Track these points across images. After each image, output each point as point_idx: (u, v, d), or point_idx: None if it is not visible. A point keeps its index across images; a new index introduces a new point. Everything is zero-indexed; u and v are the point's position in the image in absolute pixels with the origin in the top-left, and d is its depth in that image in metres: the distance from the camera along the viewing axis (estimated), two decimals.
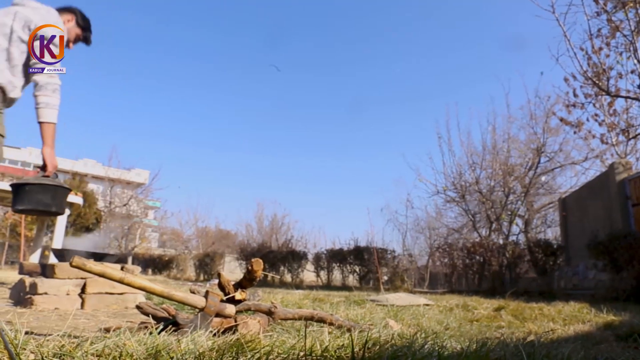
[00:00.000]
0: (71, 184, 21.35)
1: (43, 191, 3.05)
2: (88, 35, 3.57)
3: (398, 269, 14.31)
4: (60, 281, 3.75)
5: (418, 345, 1.69)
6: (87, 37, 3.57)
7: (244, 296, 2.17)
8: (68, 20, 3.46)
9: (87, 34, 3.56)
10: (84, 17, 3.55)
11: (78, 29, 3.50)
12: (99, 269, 1.86)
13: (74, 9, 3.55)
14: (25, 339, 1.33)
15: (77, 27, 3.50)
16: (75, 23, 3.50)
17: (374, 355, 1.45)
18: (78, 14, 3.52)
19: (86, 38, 3.57)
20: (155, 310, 2.11)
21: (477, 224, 15.83)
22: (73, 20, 3.49)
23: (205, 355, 1.17)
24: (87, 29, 3.56)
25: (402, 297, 5.67)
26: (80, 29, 3.51)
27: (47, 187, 3.06)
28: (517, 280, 11.64)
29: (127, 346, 1.33)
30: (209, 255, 18.30)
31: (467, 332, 2.94)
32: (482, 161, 15.57)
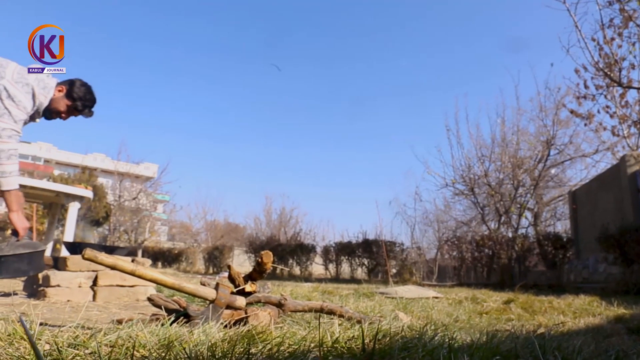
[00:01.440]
0: (81, 178, 21.52)
1: (19, 260, 3.17)
2: (78, 106, 3.52)
3: (407, 261, 14.31)
4: (72, 274, 3.79)
5: (428, 337, 1.69)
6: (77, 107, 3.53)
7: (254, 288, 2.18)
8: (59, 91, 3.49)
9: (78, 104, 3.51)
10: (82, 89, 3.52)
11: (68, 100, 3.48)
12: (111, 261, 1.88)
13: (72, 80, 3.55)
14: (40, 329, 1.35)
15: (66, 99, 3.48)
16: (66, 94, 3.48)
17: (384, 347, 1.46)
18: (75, 86, 3.50)
19: (76, 108, 3.53)
20: (166, 302, 2.13)
21: (486, 217, 15.76)
22: (64, 91, 3.48)
23: (218, 345, 1.18)
24: (82, 99, 3.52)
25: (411, 289, 5.67)
26: (71, 100, 3.49)
27: (22, 256, 3.18)
28: (526, 274, 11.60)
29: (140, 337, 1.34)
30: (218, 248, 18.41)
31: (477, 324, 2.94)
32: (491, 154, 15.49)
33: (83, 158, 40.24)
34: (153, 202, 25.25)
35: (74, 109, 3.55)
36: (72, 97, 3.50)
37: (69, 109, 3.54)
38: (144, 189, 23.72)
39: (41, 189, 5.63)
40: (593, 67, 10.03)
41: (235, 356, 1.11)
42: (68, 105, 3.52)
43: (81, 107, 3.55)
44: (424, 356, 1.41)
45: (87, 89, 3.58)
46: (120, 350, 1.18)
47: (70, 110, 3.55)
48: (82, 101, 3.54)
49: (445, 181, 16.27)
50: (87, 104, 3.58)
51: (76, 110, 3.57)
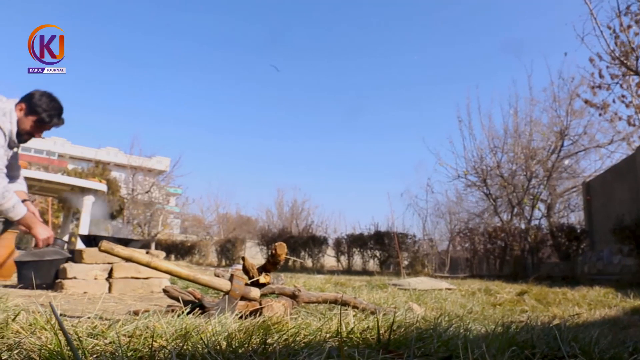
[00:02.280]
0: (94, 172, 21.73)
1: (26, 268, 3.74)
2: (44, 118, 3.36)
3: (418, 253, 14.29)
4: (88, 266, 3.84)
5: (442, 328, 1.69)
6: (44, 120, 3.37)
7: (268, 280, 2.19)
8: (19, 110, 3.35)
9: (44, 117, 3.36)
10: (43, 99, 3.36)
11: (31, 116, 3.34)
12: (127, 253, 1.90)
13: (30, 94, 3.38)
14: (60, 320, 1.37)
15: (30, 116, 3.34)
16: (27, 112, 3.34)
17: (399, 338, 1.46)
18: (34, 99, 3.34)
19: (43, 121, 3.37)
20: (181, 293, 2.15)
21: (499, 209, 15.66)
22: (24, 109, 3.35)
23: (234, 336, 1.19)
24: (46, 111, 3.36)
25: (424, 281, 5.66)
26: (36, 115, 3.34)
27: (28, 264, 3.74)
28: (539, 265, 11.52)
29: (157, 328, 1.36)
30: (230, 240, 18.53)
31: (491, 315, 2.93)
32: (503, 145, 15.36)
33: (96, 152, 40.66)
34: (165, 195, 25.45)
35: (40, 123, 3.38)
36: (35, 111, 3.34)
37: (36, 125, 3.38)
38: (157, 182, 23.90)
39: (56, 182, 5.71)
40: (608, 55, 9.87)
41: (252, 346, 1.12)
42: (34, 121, 3.36)
43: (48, 118, 3.37)
44: (439, 347, 1.41)
45: (48, 98, 3.40)
46: (139, 340, 1.19)
47: (37, 126, 3.38)
48: (47, 112, 3.37)
49: (457, 173, 16.20)
50: (52, 114, 3.40)
51: (45, 124, 3.39)
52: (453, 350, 1.37)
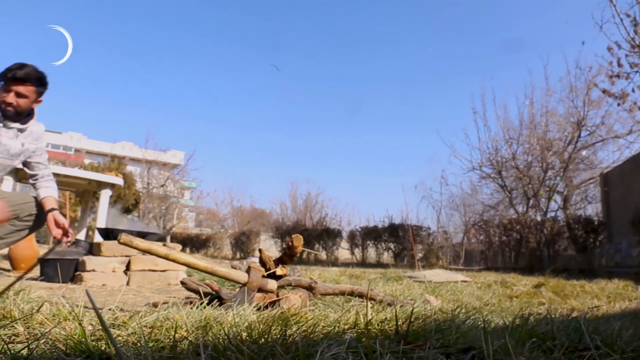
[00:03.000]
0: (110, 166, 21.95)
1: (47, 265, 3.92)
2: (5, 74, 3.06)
3: (433, 246, 14.24)
4: (106, 259, 3.89)
5: (460, 320, 1.69)
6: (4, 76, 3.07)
7: (285, 272, 2.20)
8: None
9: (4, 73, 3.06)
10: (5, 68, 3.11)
11: None
12: (146, 246, 1.92)
13: None
14: (82, 311, 1.39)
15: None
16: None
17: (417, 329, 1.46)
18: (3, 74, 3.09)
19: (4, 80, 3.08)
20: (198, 285, 2.17)
21: (514, 201, 15.51)
22: None
23: (254, 327, 1.20)
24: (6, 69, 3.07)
25: (439, 273, 5.64)
26: None
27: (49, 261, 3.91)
28: (555, 258, 11.41)
29: (177, 319, 1.38)
30: (244, 233, 18.63)
31: (508, 308, 2.92)
32: (519, 136, 15.19)
33: (112, 147, 41.03)
34: (180, 189, 25.65)
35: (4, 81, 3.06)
36: None
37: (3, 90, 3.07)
38: (171, 176, 24.10)
39: (74, 177, 5.78)
40: (628, 43, 9.67)
41: (271, 337, 1.12)
42: None
43: (8, 72, 3.03)
44: (457, 338, 1.41)
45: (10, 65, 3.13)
46: (160, 331, 1.21)
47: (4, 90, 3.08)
48: (7, 68, 3.03)
49: (472, 164, 16.06)
50: (13, 67, 3.06)
51: (6, 82, 3.06)
52: (472, 342, 1.37)
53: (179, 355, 0.92)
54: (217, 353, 0.89)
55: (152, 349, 0.99)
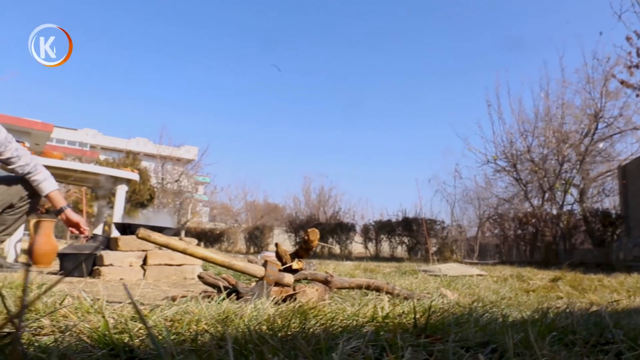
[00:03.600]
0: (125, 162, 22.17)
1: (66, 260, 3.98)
2: None
3: (447, 240, 14.18)
4: (123, 253, 3.94)
5: (477, 314, 1.68)
6: None
7: (301, 266, 2.21)
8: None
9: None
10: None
11: None
12: (164, 240, 1.94)
13: None
14: (104, 305, 1.41)
15: None
16: None
17: (435, 323, 1.46)
18: None
19: None
20: (215, 279, 2.18)
21: (529, 194, 15.35)
22: None
23: (273, 320, 1.21)
24: None
25: (454, 267, 5.62)
26: None
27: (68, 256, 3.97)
28: (572, 252, 11.28)
29: (197, 312, 1.39)
30: (258, 228, 18.72)
31: (525, 302, 2.89)
32: (534, 129, 15.01)
33: (127, 143, 41.44)
34: (194, 184, 25.83)
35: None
36: None
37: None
38: (185, 171, 24.28)
39: (90, 172, 5.84)
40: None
41: (291, 330, 1.13)
42: None
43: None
44: (476, 332, 1.40)
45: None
46: (180, 324, 1.22)
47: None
48: None
49: (486, 158, 15.93)
50: None
51: None
52: (491, 336, 1.36)
53: (201, 348, 0.93)
54: (239, 346, 0.90)
55: (174, 342, 1.00)
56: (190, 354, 0.86)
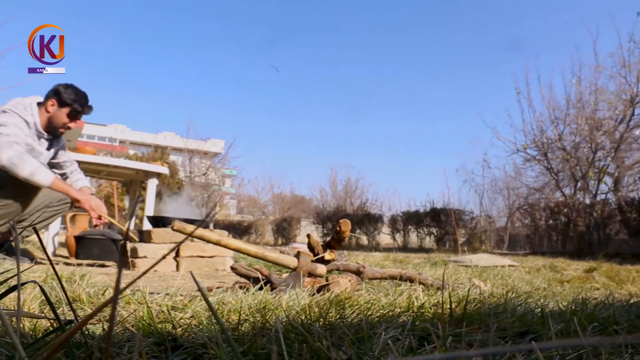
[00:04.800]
0: (154, 156, 22.57)
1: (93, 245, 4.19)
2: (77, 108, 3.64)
3: (476, 230, 14.01)
4: (156, 245, 4.03)
5: (512, 304, 1.66)
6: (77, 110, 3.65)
7: (333, 256, 2.22)
8: (51, 105, 3.62)
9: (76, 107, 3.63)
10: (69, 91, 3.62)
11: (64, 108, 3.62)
12: (198, 233, 1.98)
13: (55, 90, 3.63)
14: (146, 296, 1.45)
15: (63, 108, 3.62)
16: (59, 105, 3.61)
17: (471, 313, 1.45)
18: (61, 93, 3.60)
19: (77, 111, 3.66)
20: (248, 271, 2.21)
21: (561, 183, 14.99)
22: (56, 104, 3.62)
23: (311, 309, 1.22)
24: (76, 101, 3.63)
25: (485, 257, 5.55)
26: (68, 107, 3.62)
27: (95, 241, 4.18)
28: (606, 242, 10.99)
29: (234, 302, 1.41)
30: (285, 220, 18.84)
31: (560, 292, 2.84)
32: (565, 116, 14.61)
33: (155, 137, 42.16)
34: (221, 177, 26.13)
35: (75, 113, 3.68)
36: (67, 103, 3.62)
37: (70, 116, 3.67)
38: (213, 164, 24.56)
39: (122, 167, 5.97)
40: None
41: (329, 320, 1.14)
42: (67, 113, 3.65)
43: (80, 107, 3.67)
44: (513, 322, 1.39)
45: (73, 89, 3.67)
46: (221, 314, 1.24)
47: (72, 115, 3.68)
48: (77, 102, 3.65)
49: (515, 147, 15.60)
50: (83, 102, 3.68)
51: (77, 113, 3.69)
52: (529, 326, 1.35)
53: (243, 337, 0.94)
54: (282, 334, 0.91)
55: (216, 332, 1.02)
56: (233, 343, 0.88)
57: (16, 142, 3.37)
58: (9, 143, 3.32)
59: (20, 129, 3.45)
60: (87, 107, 3.72)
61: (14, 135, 3.37)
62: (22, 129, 3.49)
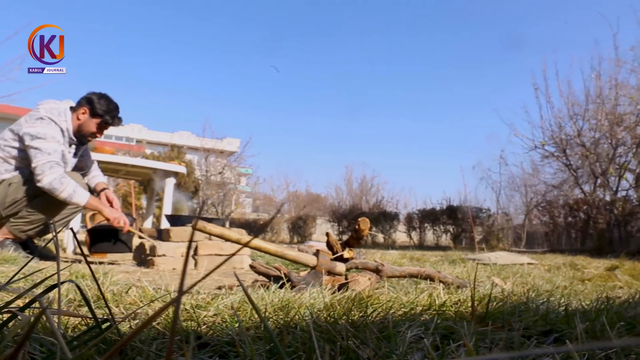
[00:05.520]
0: (170, 155, 22.77)
1: None
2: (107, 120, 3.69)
3: (493, 228, 13.88)
4: (174, 244, 4.07)
5: (534, 303, 1.64)
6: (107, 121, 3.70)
7: (352, 255, 2.22)
8: (82, 114, 3.66)
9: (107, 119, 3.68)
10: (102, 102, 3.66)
11: (95, 118, 3.66)
12: (218, 231, 1.99)
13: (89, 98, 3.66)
14: (165, 294, 1.47)
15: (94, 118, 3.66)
16: (91, 114, 3.65)
17: (494, 311, 1.43)
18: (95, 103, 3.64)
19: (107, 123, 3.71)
20: (267, 269, 2.22)
21: (580, 180, 14.75)
22: (87, 113, 3.66)
23: (334, 307, 1.23)
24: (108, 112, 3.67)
25: (503, 255, 5.50)
26: (99, 118, 3.66)
27: None
28: (628, 240, 10.80)
29: (254, 301, 1.42)
30: (301, 218, 18.87)
31: (582, 291, 2.80)
32: (584, 112, 14.36)
33: (171, 136, 42.50)
34: (237, 175, 26.26)
35: (104, 124, 3.73)
36: (98, 114, 3.66)
37: (100, 126, 3.72)
38: (228, 163, 24.68)
39: (140, 166, 6.04)
40: None
41: (351, 318, 1.14)
42: (98, 123, 3.69)
43: (110, 119, 3.72)
44: (536, 321, 1.37)
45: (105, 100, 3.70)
46: (243, 312, 1.25)
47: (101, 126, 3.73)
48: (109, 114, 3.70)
49: (533, 143, 15.39)
50: (114, 114, 3.73)
51: (107, 124, 3.74)
52: (553, 325, 1.33)
53: (267, 335, 0.95)
54: (305, 332, 0.91)
55: (241, 329, 1.03)
56: (256, 340, 0.89)
57: (57, 163, 3.43)
58: (50, 165, 3.39)
59: (57, 142, 3.50)
60: (117, 119, 3.76)
61: (54, 152, 3.43)
62: (59, 141, 3.53)
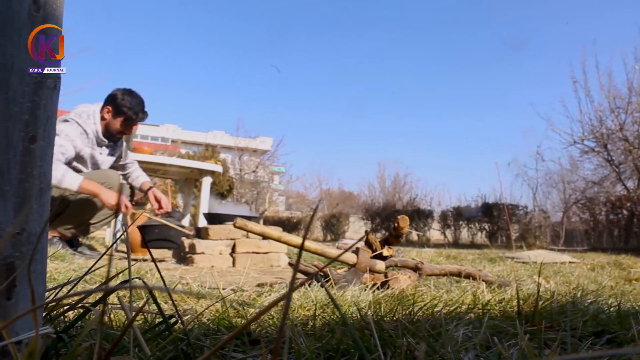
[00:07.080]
0: (205, 155, 23.16)
1: None
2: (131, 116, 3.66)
3: (530, 225, 13.55)
4: (213, 242, 4.14)
5: (582, 303, 1.60)
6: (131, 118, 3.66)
7: (391, 253, 2.21)
8: (107, 112, 3.68)
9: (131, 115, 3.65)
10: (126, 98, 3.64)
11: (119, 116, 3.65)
12: (259, 229, 2.02)
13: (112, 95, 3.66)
14: (210, 291, 1.50)
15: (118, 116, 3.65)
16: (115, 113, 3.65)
17: (540, 310, 1.41)
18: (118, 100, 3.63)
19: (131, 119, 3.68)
20: (306, 267, 2.24)
21: (622, 175, 14.24)
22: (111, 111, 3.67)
23: (379, 305, 1.23)
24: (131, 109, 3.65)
25: (542, 254, 5.37)
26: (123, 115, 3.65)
27: None
28: None
29: (298, 298, 1.44)
30: (334, 216, 18.89)
31: (630, 291, 2.71)
32: (627, 105, 13.84)
33: (205, 136, 43.19)
34: (270, 174, 26.49)
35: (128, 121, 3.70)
36: (122, 111, 3.64)
37: (125, 124, 3.70)
38: (262, 162, 24.93)
39: (178, 166, 6.17)
40: None
41: (396, 315, 1.14)
42: (122, 121, 3.68)
43: (134, 116, 3.67)
44: (586, 321, 1.34)
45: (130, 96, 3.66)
46: (291, 310, 1.27)
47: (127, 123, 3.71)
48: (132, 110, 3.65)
49: (572, 138, 14.95)
50: (137, 110, 3.68)
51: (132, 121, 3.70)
52: (604, 325, 1.30)
53: (316, 332, 0.96)
54: (358, 329, 0.92)
55: (289, 326, 1.05)
56: (308, 337, 0.90)
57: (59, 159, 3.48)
58: None
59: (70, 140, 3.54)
60: (141, 114, 3.75)
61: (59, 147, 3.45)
62: (74, 140, 3.57)
